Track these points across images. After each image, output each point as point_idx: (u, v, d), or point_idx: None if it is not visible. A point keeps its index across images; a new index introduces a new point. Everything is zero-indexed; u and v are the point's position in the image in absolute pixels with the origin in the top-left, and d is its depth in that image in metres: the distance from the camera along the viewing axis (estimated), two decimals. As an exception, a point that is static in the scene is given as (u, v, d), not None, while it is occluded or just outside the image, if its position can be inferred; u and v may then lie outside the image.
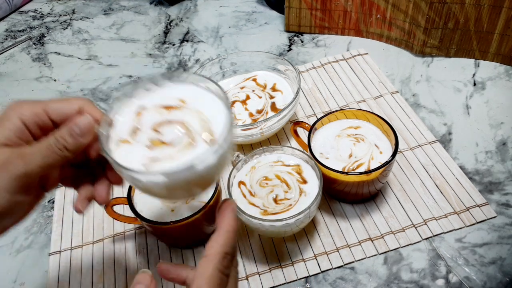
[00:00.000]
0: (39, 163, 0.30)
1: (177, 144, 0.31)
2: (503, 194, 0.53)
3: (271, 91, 0.62)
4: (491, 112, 0.62)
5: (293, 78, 0.60)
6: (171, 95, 0.35)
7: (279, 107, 0.59)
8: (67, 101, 0.33)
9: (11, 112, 0.31)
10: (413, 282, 0.46)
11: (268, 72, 0.64)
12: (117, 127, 0.33)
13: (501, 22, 0.65)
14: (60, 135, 0.31)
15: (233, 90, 0.63)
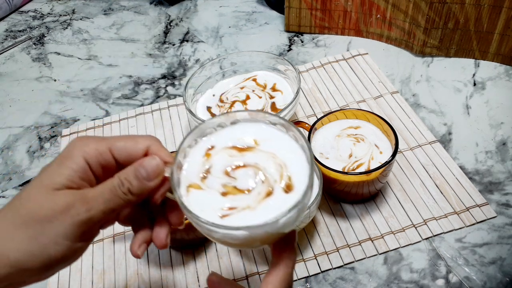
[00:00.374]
0: (102, 208, 0.28)
1: (253, 192, 0.29)
2: (503, 194, 0.53)
3: (271, 91, 0.62)
4: (491, 112, 0.62)
5: (293, 78, 0.60)
6: (242, 135, 0.32)
7: (279, 107, 0.59)
8: (134, 139, 0.30)
9: (75, 150, 0.29)
10: (413, 282, 0.46)
11: (268, 72, 0.64)
12: (185, 170, 0.31)
13: (501, 22, 0.65)
14: (125, 177, 0.29)
15: (233, 90, 0.63)
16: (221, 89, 0.64)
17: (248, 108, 0.59)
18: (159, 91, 0.73)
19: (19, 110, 0.73)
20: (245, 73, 0.65)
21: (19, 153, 0.66)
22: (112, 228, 0.54)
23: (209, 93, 0.63)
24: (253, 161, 0.31)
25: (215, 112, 0.60)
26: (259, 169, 0.30)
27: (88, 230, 0.28)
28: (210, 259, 0.50)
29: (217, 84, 0.64)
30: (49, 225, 0.26)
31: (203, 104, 0.62)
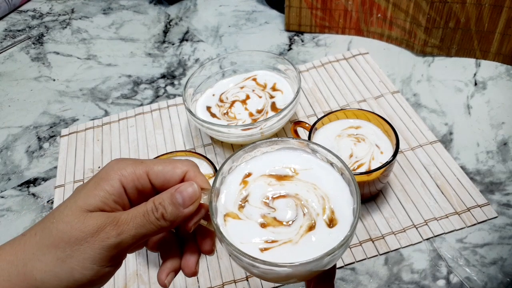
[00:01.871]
0: (133, 233, 0.27)
1: (295, 224, 0.28)
2: (504, 194, 0.52)
3: (271, 91, 0.62)
4: (492, 112, 0.62)
5: (293, 78, 0.59)
6: (280, 163, 0.31)
7: (279, 107, 0.59)
8: (172, 164, 0.29)
9: (112, 172, 0.28)
10: (414, 283, 0.46)
11: (268, 72, 0.64)
12: (222, 197, 0.30)
13: (502, 21, 0.65)
14: (159, 202, 0.28)
15: (233, 89, 0.63)
16: (221, 88, 0.63)
17: (248, 107, 0.59)
18: (159, 90, 0.73)
19: (18, 110, 0.73)
20: (245, 73, 0.65)
21: (18, 153, 0.66)
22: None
23: (209, 92, 0.63)
24: (293, 192, 0.29)
25: (215, 112, 0.60)
26: (300, 200, 0.29)
27: (116, 254, 0.27)
28: (210, 260, 0.50)
29: (217, 83, 0.64)
30: (78, 248, 0.26)
31: (203, 103, 0.62)
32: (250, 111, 0.59)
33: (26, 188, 0.61)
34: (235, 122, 0.57)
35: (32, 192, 0.60)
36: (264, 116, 0.58)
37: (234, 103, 0.60)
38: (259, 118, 0.58)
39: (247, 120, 0.58)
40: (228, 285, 0.48)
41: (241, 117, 0.58)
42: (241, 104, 0.60)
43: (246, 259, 0.26)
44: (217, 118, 0.59)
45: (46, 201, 0.59)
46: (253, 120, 0.58)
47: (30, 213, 0.57)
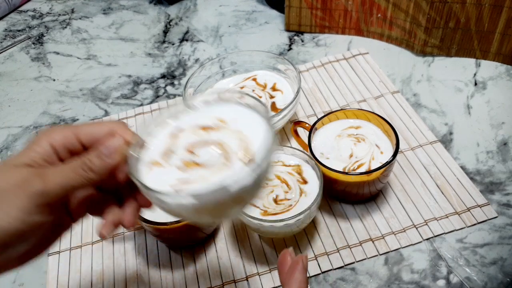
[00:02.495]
0: (59, 181, 0.28)
1: (210, 165, 0.30)
2: (504, 194, 0.52)
3: (271, 91, 0.61)
4: (492, 112, 0.62)
5: (293, 78, 0.59)
6: (210, 115, 0.33)
7: (279, 107, 0.59)
8: (99, 124, 0.32)
9: (42, 136, 0.30)
10: (414, 283, 0.46)
11: (268, 72, 0.64)
12: (150, 149, 0.32)
13: (502, 21, 0.65)
14: (87, 157, 0.29)
15: (231, 90, 0.63)
16: (221, 88, 0.63)
17: None
18: (159, 90, 0.73)
19: (18, 110, 0.73)
20: (245, 73, 0.65)
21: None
22: (111, 228, 0.54)
23: (209, 93, 0.63)
24: (217, 139, 0.31)
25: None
26: (221, 144, 0.31)
27: (44, 202, 0.27)
28: (209, 260, 0.50)
29: (216, 83, 0.64)
30: (3, 198, 0.27)
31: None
32: None
33: (26, 188, 0.60)
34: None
35: (32, 192, 0.60)
36: None
37: None
38: None
39: None
40: (228, 285, 0.48)
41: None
42: None
43: (152, 193, 0.28)
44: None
45: (46, 201, 0.59)
46: None
47: (30, 213, 0.57)
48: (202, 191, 0.27)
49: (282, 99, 0.60)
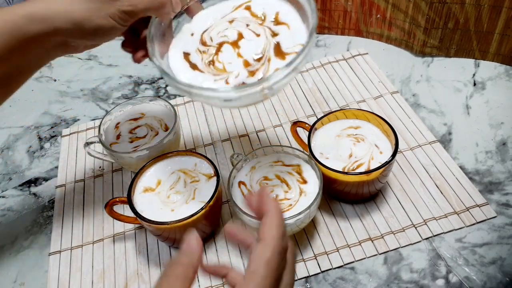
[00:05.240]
0: (142, 7, 0.39)
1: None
2: (503, 194, 0.53)
3: (273, 25, 0.43)
4: (491, 112, 0.62)
5: (305, 5, 0.41)
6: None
7: (286, 50, 0.41)
8: None
9: None
10: (413, 282, 0.46)
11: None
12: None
13: (501, 22, 0.65)
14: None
15: (218, 25, 0.44)
16: (202, 23, 0.45)
17: (241, 52, 0.42)
18: (159, 91, 0.73)
19: (19, 110, 0.73)
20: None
21: (19, 153, 0.66)
22: (112, 228, 0.54)
23: (185, 30, 0.45)
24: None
25: (196, 62, 0.42)
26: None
27: (127, 18, 0.38)
28: (210, 259, 0.50)
29: (195, 16, 0.45)
30: (103, 6, 0.37)
31: (179, 49, 0.43)
32: (245, 59, 0.41)
33: (27, 188, 0.61)
34: (225, 77, 0.40)
35: (33, 192, 0.60)
36: (266, 65, 0.40)
37: (221, 46, 0.42)
38: (258, 69, 0.40)
39: (241, 73, 0.40)
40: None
41: (233, 68, 0.40)
42: (232, 48, 0.42)
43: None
44: (199, 70, 0.41)
45: (47, 201, 0.59)
46: (250, 73, 0.40)
47: (31, 213, 0.58)
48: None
49: (289, 37, 0.42)
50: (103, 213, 0.55)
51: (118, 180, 0.60)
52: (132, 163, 0.54)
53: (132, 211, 0.46)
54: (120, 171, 0.61)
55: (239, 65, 0.40)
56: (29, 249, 0.54)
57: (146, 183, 0.50)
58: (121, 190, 0.58)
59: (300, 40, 0.41)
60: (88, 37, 0.38)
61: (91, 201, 0.58)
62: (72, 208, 0.57)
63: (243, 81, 0.39)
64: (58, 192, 0.59)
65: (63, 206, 0.57)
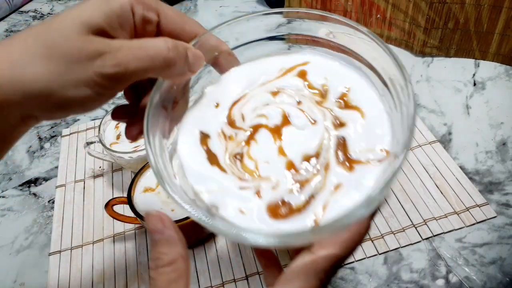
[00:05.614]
0: (132, 67, 0.24)
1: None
2: (503, 194, 0.53)
3: (337, 107, 0.29)
4: (491, 112, 0.62)
5: (392, 77, 0.28)
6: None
7: (355, 156, 0.27)
8: (183, 17, 0.28)
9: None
10: (413, 282, 0.46)
11: (331, 62, 0.31)
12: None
13: (501, 22, 0.65)
14: (182, 44, 0.26)
15: (255, 97, 0.30)
16: (233, 89, 0.31)
17: (285, 148, 0.28)
18: (159, 91, 0.73)
19: (19, 110, 0.73)
20: (282, 53, 0.32)
21: (19, 153, 0.66)
22: (112, 228, 0.54)
23: (209, 96, 0.31)
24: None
25: (217, 152, 0.28)
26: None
27: (111, 84, 0.25)
28: (210, 259, 0.50)
29: (225, 76, 0.32)
30: (72, 67, 0.24)
31: (195, 126, 0.30)
32: (290, 159, 0.27)
33: (27, 188, 0.61)
34: (256, 185, 0.26)
35: (33, 192, 0.60)
36: (321, 178, 0.26)
37: (256, 132, 0.29)
38: (308, 182, 0.26)
39: (281, 182, 0.26)
40: (228, 284, 0.48)
41: (269, 172, 0.27)
42: (272, 137, 0.28)
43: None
44: (220, 168, 0.28)
45: (47, 201, 0.59)
46: (298, 183, 0.26)
47: (31, 213, 0.58)
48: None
49: (363, 133, 0.27)
50: (103, 213, 0.55)
51: (118, 180, 0.60)
52: (132, 163, 0.54)
53: (132, 211, 0.46)
54: (120, 171, 0.60)
55: (279, 168, 0.27)
56: (29, 249, 0.54)
57: (146, 183, 0.50)
58: (121, 190, 0.58)
59: (381, 140, 0.27)
60: (52, 112, 0.25)
61: (91, 201, 0.58)
62: (72, 208, 0.57)
63: (284, 199, 0.25)
64: (58, 192, 0.59)
65: (63, 206, 0.57)
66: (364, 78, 0.30)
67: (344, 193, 0.25)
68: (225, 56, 0.31)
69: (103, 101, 0.26)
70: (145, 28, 0.27)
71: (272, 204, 0.25)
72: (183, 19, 0.28)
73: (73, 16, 0.24)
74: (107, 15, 0.24)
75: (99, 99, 0.25)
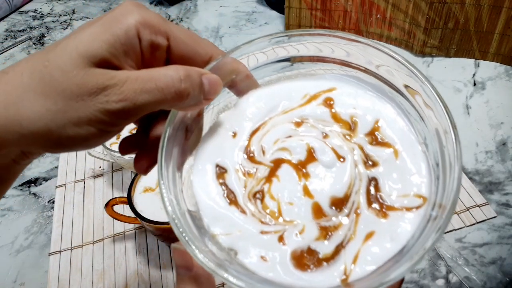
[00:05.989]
0: (139, 102, 0.22)
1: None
2: (503, 194, 0.53)
3: (368, 144, 0.26)
4: (491, 112, 0.62)
5: (424, 109, 0.26)
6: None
7: (389, 201, 0.24)
8: (196, 39, 0.25)
9: (129, 15, 0.22)
10: (413, 282, 0.46)
11: (360, 90, 0.28)
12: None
13: (501, 22, 0.65)
14: (194, 70, 0.23)
15: (277, 126, 0.28)
16: (252, 117, 0.28)
17: (310, 187, 0.25)
18: (159, 91, 0.73)
19: (19, 110, 0.73)
20: (304, 79, 0.29)
21: (19, 153, 0.66)
22: (112, 228, 0.54)
23: (225, 124, 0.28)
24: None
25: (235, 189, 0.26)
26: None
27: (115, 121, 0.22)
28: (210, 259, 0.50)
29: (243, 100, 0.29)
30: (72, 104, 0.21)
31: (210, 158, 0.27)
32: (316, 200, 0.25)
33: (27, 188, 0.61)
34: (279, 230, 0.24)
35: (33, 192, 0.60)
36: (351, 225, 0.24)
37: (278, 168, 0.26)
38: (336, 229, 0.24)
39: (307, 227, 0.24)
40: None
41: (294, 215, 0.24)
42: (296, 174, 0.26)
43: None
44: (239, 207, 0.25)
45: (47, 201, 0.59)
46: (323, 232, 0.24)
47: (31, 212, 0.58)
48: None
49: (398, 175, 0.25)
50: (103, 213, 0.55)
51: (118, 180, 0.60)
52: (132, 163, 0.54)
53: (132, 211, 0.46)
54: (120, 171, 0.60)
55: (305, 211, 0.24)
56: (29, 249, 0.54)
57: (146, 183, 0.50)
58: (121, 190, 0.58)
59: (418, 184, 0.24)
60: (53, 149, 0.23)
61: (91, 201, 0.58)
62: (72, 208, 0.57)
63: (310, 247, 0.23)
64: (58, 192, 0.59)
65: (63, 206, 0.57)
66: (397, 108, 0.26)
67: (377, 243, 0.22)
68: (243, 78, 0.28)
69: (109, 137, 0.24)
70: (154, 54, 0.24)
71: (297, 252, 0.23)
72: (195, 41, 0.25)
73: (71, 47, 0.22)
74: (110, 44, 0.22)
75: (104, 136, 0.23)
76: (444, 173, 0.22)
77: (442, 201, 0.21)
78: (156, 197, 0.49)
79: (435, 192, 0.23)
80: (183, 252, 0.23)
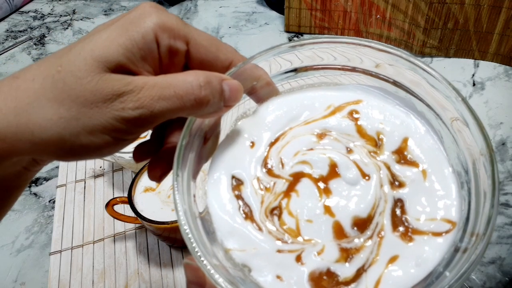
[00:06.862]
0: (156, 109, 0.21)
1: None
2: (503, 194, 0.53)
3: (395, 162, 0.25)
4: (490, 112, 0.63)
5: (458, 131, 0.25)
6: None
7: (415, 224, 0.23)
8: (216, 45, 0.24)
9: (148, 18, 0.21)
10: (412, 282, 0.46)
11: (388, 104, 0.27)
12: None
13: (500, 22, 0.65)
14: (215, 75, 0.22)
15: (298, 137, 0.26)
16: (272, 127, 0.27)
17: (332, 206, 0.24)
18: (160, 91, 0.73)
19: (19, 110, 0.73)
20: (326, 89, 0.28)
21: (20, 153, 0.66)
22: (112, 227, 0.54)
23: (243, 133, 0.27)
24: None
25: (251, 203, 0.25)
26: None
27: (131, 129, 0.21)
28: (210, 259, 0.50)
29: (263, 107, 0.27)
30: (85, 111, 0.20)
31: (226, 169, 0.26)
32: (338, 219, 0.23)
33: (28, 187, 0.61)
34: (298, 249, 0.23)
35: (34, 192, 0.60)
36: (373, 247, 0.23)
37: (298, 182, 0.25)
38: (358, 251, 0.23)
39: (327, 247, 0.23)
40: (229, 283, 0.48)
41: (313, 234, 0.23)
42: (317, 190, 0.24)
43: None
44: (255, 223, 0.24)
45: (47, 201, 0.59)
46: (343, 254, 0.23)
47: (31, 212, 0.58)
48: None
49: (426, 198, 0.24)
50: (104, 213, 0.55)
51: (118, 180, 0.60)
52: (132, 163, 0.55)
53: (133, 211, 0.47)
54: (120, 171, 0.61)
55: (325, 230, 0.23)
56: (29, 249, 0.54)
57: (146, 183, 0.50)
58: (121, 190, 0.58)
59: (446, 208, 0.23)
60: (66, 158, 0.22)
61: (92, 201, 0.58)
62: (73, 208, 0.57)
63: (330, 269, 0.22)
64: (59, 191, 0.59)
65: (64, 205, 0.58)
66: (426, 125, 0.25)
67: (401, 268, 0.21)
68: (263, 84, 0.26)
69: (124, 146, 0.23)
70: (172, 59, 0.23)
71: (315, 273, 0.21)
72: (216, 46, 0.24)
73: (85, 51, 0.21)
74: (126, 48, 0.21)
75: (119, 145, 0.22)
76: (478, 198, 0.21)
77: (474, 229, 0.20)
78: (156, 197, 0.49)
79: (465, 218, 0.21)
80: (195, 268, 0.22)
